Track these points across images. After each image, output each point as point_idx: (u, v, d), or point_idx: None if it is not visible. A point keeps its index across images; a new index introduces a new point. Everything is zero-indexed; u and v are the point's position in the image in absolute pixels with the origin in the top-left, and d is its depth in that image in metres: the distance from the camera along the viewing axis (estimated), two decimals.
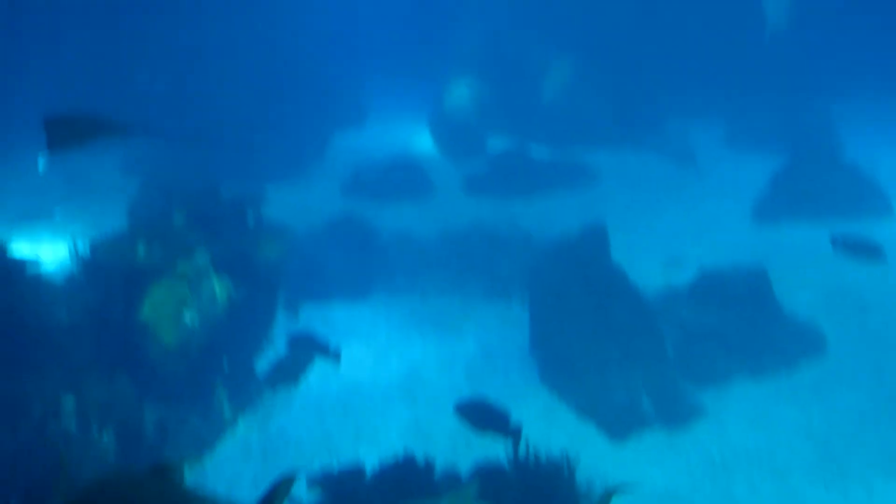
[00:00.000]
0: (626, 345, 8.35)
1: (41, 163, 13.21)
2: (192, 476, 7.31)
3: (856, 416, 7.99)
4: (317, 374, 9.05)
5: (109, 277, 8.21)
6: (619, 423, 7.72)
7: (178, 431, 7.81)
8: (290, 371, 9.03)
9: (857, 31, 16.17)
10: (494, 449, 6.04)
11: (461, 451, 6.93)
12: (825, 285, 10.57)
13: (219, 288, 8.36)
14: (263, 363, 8.87)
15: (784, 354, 8.65)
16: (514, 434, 5.92)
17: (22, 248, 9.80)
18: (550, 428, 7.81)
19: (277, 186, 13.00)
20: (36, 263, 8.63)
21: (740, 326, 8.79)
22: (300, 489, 5.75)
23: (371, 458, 6.46)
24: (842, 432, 7.76)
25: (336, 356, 8.35)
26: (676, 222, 12.79)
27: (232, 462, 7.68)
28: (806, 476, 7.23)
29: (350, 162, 15.08)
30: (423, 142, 16.51)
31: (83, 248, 8.49)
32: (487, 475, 5.79)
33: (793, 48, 14.91)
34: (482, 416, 5.93)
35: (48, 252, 10.84)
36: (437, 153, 15.99)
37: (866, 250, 8.38)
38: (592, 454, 7.20)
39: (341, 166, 15.10)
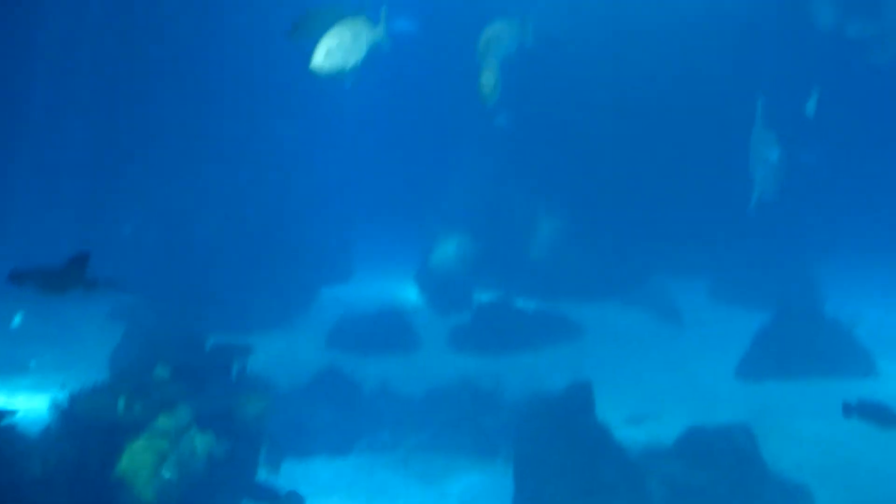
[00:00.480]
0: (611, 503, 8.19)
1: (16, 319, 13.17)
2: None
3: None
4: None
5: (87, 431, 8.05)
6: None
7: None
8: None
9: (841, 192, 17.19)
10: None
11: None
12: (811, 444, 10.51)
13: (200, 443, 8.23)
14: None
15: None
16: None
17: None
18: None
19: (263, 338, 12.99)
20: (10, 413, 8.51)
21: (727, 485, 8.66)
22: None
23: None
24: None
25: None
26: (660, 378, 12.82)
27: None
28: None
29: (336, 314, 15.12)
30: (409, 296, 16.73)
31: (61, 399, 8.41)
32: None
33: (778, 213, 15.41)
34: None
35: (24, 403, 10.69)
36: (424, 307, 16.17)
37: (882, 418, 8.11)
38: None
39: (327, 318, 15.12)
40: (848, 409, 8.01)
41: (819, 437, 10.76)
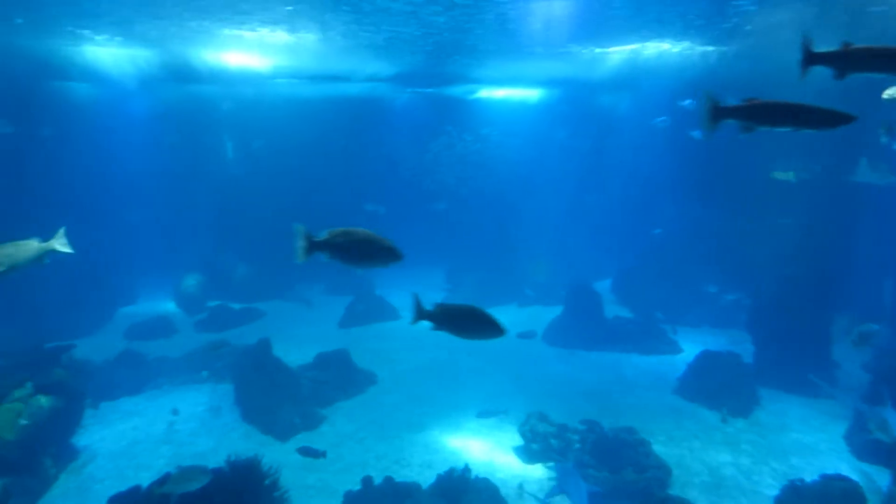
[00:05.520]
0: (281, 394, 11.31)
1: None
2: None
3: None
4: (110, 437, 10.79)
5: None
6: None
7: (18, 490, 8.80)
8: (93, 440, 10.25)
9: None
10: None
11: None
12: (376, 354, 14.11)
13: (44, 401, 9.60)
14: (77, 438, 10.23)
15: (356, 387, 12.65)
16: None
17: None
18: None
19: (83, 340, 14.74)
20: None
21: (341, 377, 12.59)
22: None
23: (147, 479, 7.26)
24: None
25: None
26: (304, 331, 16.93)
27: (60, 497, 8.93)
28: None
29: (129, 321, 17.46)
30: (170, 307, 19.88)
31: None
32: None
33: None
34: None
35: None
36: (179, 311, 19.35)
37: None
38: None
39: (124, 323, 17.43)
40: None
41: (377, 349, 14.85)
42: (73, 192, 17.95)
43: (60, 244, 5.17)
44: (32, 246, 5.07)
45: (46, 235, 6.19)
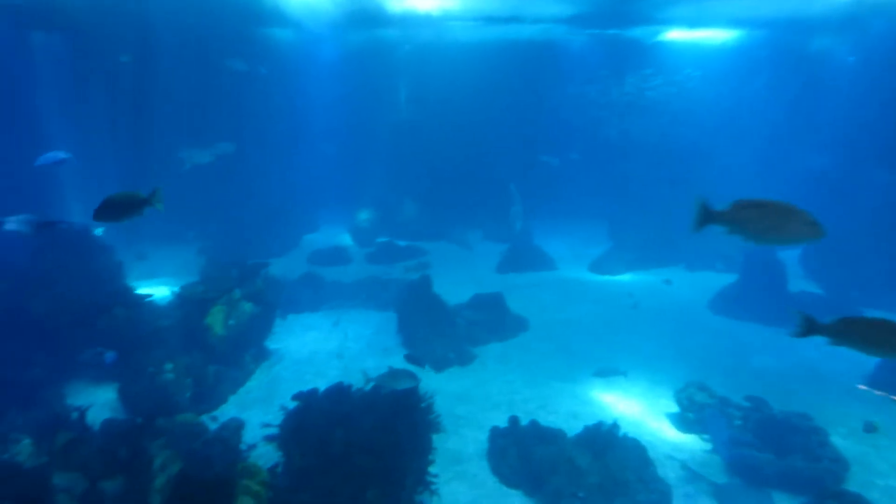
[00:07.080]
0: (438, 329, 11.80)
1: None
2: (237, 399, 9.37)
3: None
4: (294, 345, 11.91)
5: (189, 303, 10.41)
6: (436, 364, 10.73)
7: (226, 377, 9.94)
8: (281, 346, 11.39)
9: None
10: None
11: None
12: (528, 300, 14.51)
13: (247, 307, 10.73)
14: (269, 342, 11.41)
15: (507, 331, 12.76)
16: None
17: (143, 291, 11.70)
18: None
19: (277, 259, 16.74)
20: (149, 296, 11.11)
21: (494, 317, 12.77)
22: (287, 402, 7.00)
23: (322, 385, 7.59)
24: None
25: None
26: (462, 273, 17.39)
27: (256, 388, 10.08)
28: None
29: (312, 248, 19.22)
30: (346, 239, 21.36)
31: (175, 290, 10.90)
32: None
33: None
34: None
35: (154, 291, 12.64)
36: (353, 244, 20.66)
37: None
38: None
39: (307, 250, 19.18)
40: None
41: (531, 297, 15.02)
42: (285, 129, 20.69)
43: (157, 200, 5.73)
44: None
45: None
